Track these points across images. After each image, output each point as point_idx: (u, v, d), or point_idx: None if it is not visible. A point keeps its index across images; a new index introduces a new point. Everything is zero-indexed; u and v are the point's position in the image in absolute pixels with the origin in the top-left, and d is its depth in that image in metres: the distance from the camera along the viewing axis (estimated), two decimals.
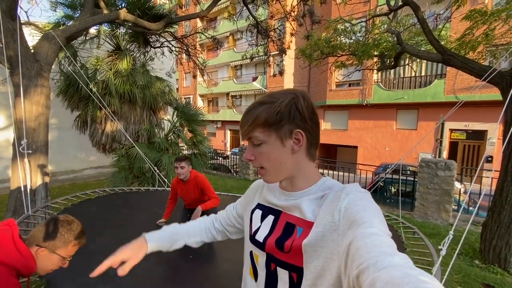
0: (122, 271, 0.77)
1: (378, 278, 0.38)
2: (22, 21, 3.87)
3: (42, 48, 3.53)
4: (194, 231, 0.95)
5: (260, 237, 0.74)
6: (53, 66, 3.88)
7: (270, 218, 0.75)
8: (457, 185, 5.88)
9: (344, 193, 0.61)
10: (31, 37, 5.10)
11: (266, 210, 0.78)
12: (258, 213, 0.79)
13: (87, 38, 6.17)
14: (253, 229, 0.77)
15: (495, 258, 3.46)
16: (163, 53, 7.79)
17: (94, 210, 3.63)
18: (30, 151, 3.17)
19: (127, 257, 0.79)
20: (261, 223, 0.76)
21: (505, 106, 2.60)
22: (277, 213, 0.74)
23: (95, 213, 3.52)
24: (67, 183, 8.11)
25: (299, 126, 0.65)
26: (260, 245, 0.73)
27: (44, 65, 3.49)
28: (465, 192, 6.40)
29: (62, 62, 6.06)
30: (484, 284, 3.14)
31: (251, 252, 0.78)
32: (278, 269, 0.68)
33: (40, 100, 3.46)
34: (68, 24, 5.44)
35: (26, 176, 2.98)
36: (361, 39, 6.17)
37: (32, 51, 3.54)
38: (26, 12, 8.16)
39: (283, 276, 0.67)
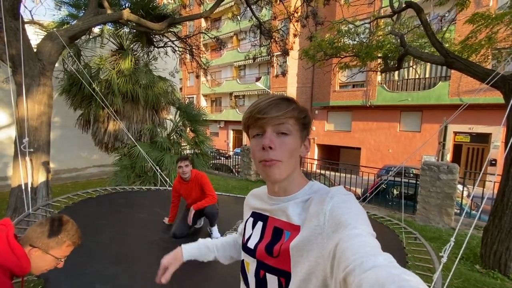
0: (164, 279, 0.87)
1: (364, 280, 0.39)
2: (26, 20, 3.91)
3: (45, 47, 3.56)
4: (223, 246, 0.99)
5: (251, 244, 0.75)
6: (56, 65, 3.91)
7: (260, 224, 0.76)
8: (460, 188, 5.82)
9: (329, 197, 0.62)
10: (36, 36, 5.15)
11: (256, 217, 0.79)
12: (250, 220, 0.80)
13: (90, 37, 6.21)
14: (246, 237, 0.79)
15: (495, 263, 3.42)
16: (166, 53, 7.83)
17: (95, 209, 3.65)
18: (31, 150, 3.20)
19: (167, 264, 0.91)
20: (252, 230, 0.77)
21: (507, 111, 2.57)
22: (265, 218, 0.76)
23: (96, 212, 3.54)
24: (69, 182, 8.18)
25: (309, 135, 0.72)
26: (251, 252, 0.73)
27: (47, 64, 3.52)
28: (468, 196, 6.34)
29: (66, 61, 6.11)
30: None
31: (243, 260, 0.79)
32: (267, 275, 0.68)
33: (43, 99, 3.49)
34: (72, 24, 5.49)
35: (27, 175, 3.01)
36: (364, 40, 6.14)
37: (35, 50, 3.57)
38: (30, 11, 8.26)
39: (272, 282, 0.68)
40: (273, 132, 0.66)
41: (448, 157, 12.18)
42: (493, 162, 10.59)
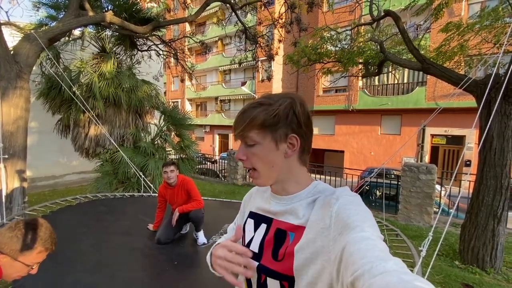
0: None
1: (374, 285, 0.38)
2: (2, 21, 3.75)
3: (23, 49, 3.42)
4: None
5: (254, 247, 0.72)
6: (34, 68, 3.76)
7: (263, 227, 0.73)
8: (438, 188, 6.08)
9: (335, 198, 0.60)
10: (12, 38, 4.93)
11: (258, 219, 0.76)
12: (250, 222, 0.77)
13: (70, 39, 6.02)
14: (246, 240, 0.75)
15: (473, 258, 3.59)
16: (150, 57, 7.70)
17: (75, 218, 3.51)
18: (6, 156, 3.04)
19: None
20: (254, 232, 0.74)
21: (479, 112, 2.74)
22: (269, 220, 0.73)
23: (75, 221, 3.40)
24: (47, 190, 7.79)
25: (294, 131, 0.65)
26: (255, 256, 0.70)
27: (24, 66, 3.38)
28: (446, 195, 6.63)
29: (44, 63, 5.87)
30: (463, 284, 3.25)
31: None
32: (268, 280, 0.66)
33: (19, 103, 3.34)
34: (51, 25, 5.31)
35: (1, 182, 2.85)
36: (346, 47, 6.35)
37: (12, 52, 3.42)
38: (6, 12, 7.88)
39: (273, 286, 0.66)
40: (243, 144, 0.67)
41: (426, 158, 12.73)
42: (468, 162, 11.18)
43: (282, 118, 0.63)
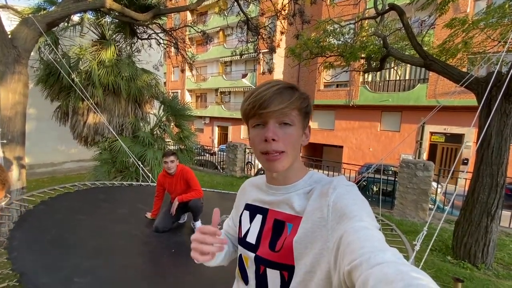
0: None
1: (371, 275, 0.38)
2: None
3: (21, 33, 3.37)
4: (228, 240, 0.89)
5: (251, 239, 0.72)
6: (32, 53, 3.71)
7: (259, 218, 0.73)
8: (434, 185, 6.13)
9: (332, 188, 0.61)
10: (9, 22, 4.85)
11: (253, 210, 0.76)
12: (246, 214, 0.77)
13: (69, 25, 5.93)
14: (243, 232, 0.76)
15: (465, 254, 3.65)
16: (150, 45, 7.60)
17: (74, 204, 3.53)
18: (5, 141, 3.04)
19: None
20: (250, 224, 0.75)
21: (478, 111, 2.75)
22: (264, 211, 0.73)
23: (74, 207, 3.42)
24: (45, 177, 7.81)
25: (309, 123, 0.71)
26: (252, 247, 0.71)
27: (22, 51, 3.33)
28: (442, 193, 6.69)
29: (42, 49, 5.79)
30: (454, 278, 3.31)
31: (240, 255, 0.76)
32: (268, 270, 0.67)
33: (17, 88, 3.31)
34: (50, 10, 5.21)
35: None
36: (349, 41, 6.28)
37: (9, 36, 3.37)
38: None
39: (273, 276, 0.66)
40: (276, 123, 0.63)
41: (424, 155, 12.79)
42: (465, 161, 11.24)
43: (310, 109, 0.69)
